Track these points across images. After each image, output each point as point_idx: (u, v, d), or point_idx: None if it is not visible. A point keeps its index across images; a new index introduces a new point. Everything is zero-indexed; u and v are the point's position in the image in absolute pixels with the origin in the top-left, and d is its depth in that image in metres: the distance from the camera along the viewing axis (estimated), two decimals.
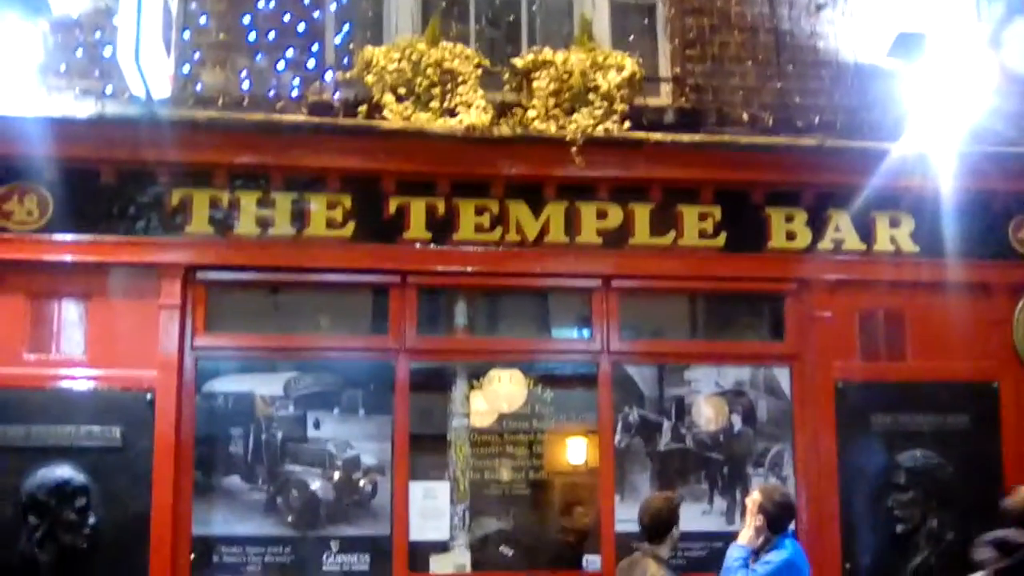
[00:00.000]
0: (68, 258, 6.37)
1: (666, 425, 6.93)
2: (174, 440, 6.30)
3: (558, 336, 7.24)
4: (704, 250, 6.84)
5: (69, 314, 6.42)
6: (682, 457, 6.93)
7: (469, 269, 6.67)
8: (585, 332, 6.95)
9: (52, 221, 6.36)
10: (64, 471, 6.19)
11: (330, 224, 6.54)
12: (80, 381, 6.34)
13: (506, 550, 6.85)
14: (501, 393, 6.89)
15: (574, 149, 6.41)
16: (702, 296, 7.19)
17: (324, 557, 6.48)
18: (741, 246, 6.87)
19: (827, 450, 6.82)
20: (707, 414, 6.98)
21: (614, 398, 6.83)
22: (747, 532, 5.92)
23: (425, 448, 6.75)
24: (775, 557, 5.74)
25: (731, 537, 6.18)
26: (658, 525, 5.75)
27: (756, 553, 5.84)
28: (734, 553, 5.88)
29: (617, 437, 6.82)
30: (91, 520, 6.17)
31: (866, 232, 6.99)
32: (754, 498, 5.92)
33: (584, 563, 6.71)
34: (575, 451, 7.07)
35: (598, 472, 6.79)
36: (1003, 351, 7.07)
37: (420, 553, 6.58)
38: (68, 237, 6.36)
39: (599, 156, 6.55)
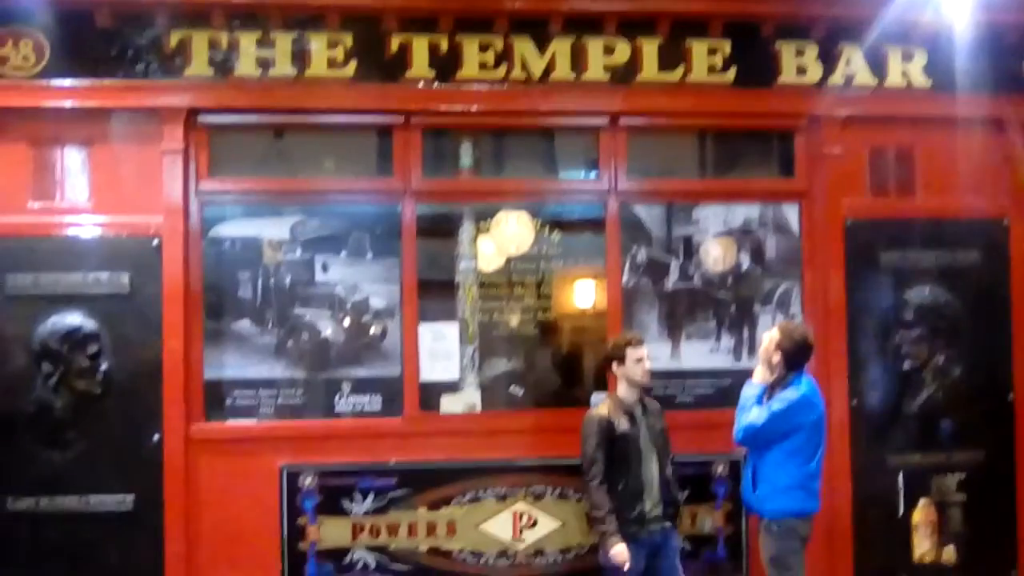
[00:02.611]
0: (68, 104, 6.27)
1: (674, 265, 6.92)
2: (182, 285, 6.30)
3: (565, 176, 7.17)
4: (713, 86, 6.70)
5: (72, 161, 6.36)
6: (689, 296, 6.93)
7: (474, 108, 6.55)
8: (592, 172, 6.86)
9: (49, 66, 6.24)
10: (75, 318, 6.24)
11: (331, 64, 6.40)
12: (86, 228, 6.33)
13: (516, 390, 6.93)
14: (508, 235, 6.85)
15: None
16: (711, 133, 7.09)
17: (336, 398, 6.56)
18: (751, 81, 6.73)
19: (835, 287, 6.81)
20: (715, 253, 6.95)
21: (621, 238, 6.79)
22: (761, 370, 5.98)
23: (433, 291, 6.75)
24: (791, 394, 5.80)
25: (738, 375, 6.26)
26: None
27: (771, 390, 5.91)
28: (748, 391, 5.95)
29: (624, 277, 6.81)
30: (103, 366, 6.25)
31: (878, 66, 6.85)
32: (772, 335, 5.95)
33: (592, 401, 6.78)
34: (583, 292, 7.08)
35: (606, 313, 6.80)
36: (1014, 187, 7.01)
37: (431, 393, 6.65)
38: (66, 82, 6.25)
39: None
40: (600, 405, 5.99)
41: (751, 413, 5.82)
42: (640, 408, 6.01)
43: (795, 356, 5.88)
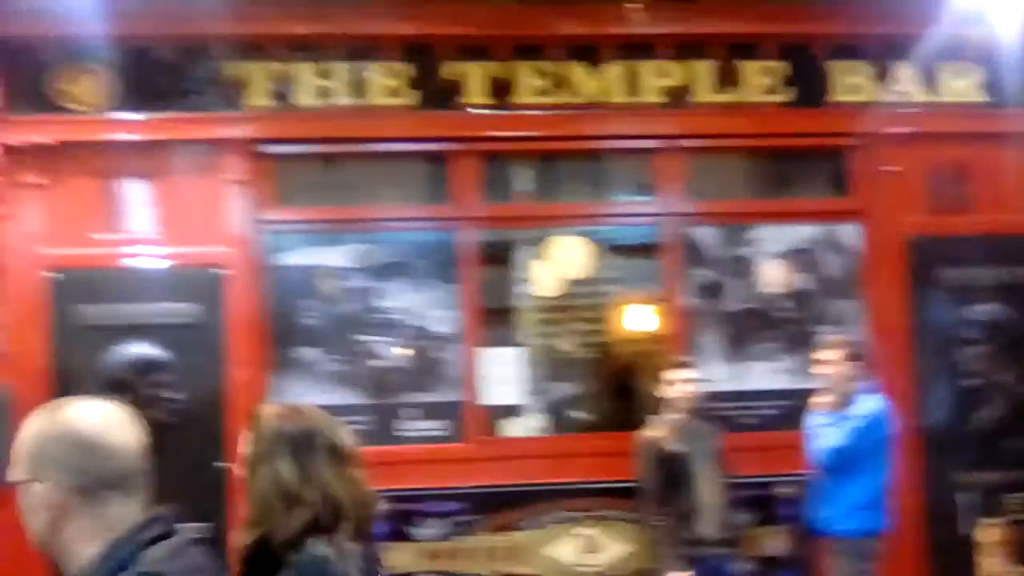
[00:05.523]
0: (130, 137, 6.39)
1: (731, 286, 6.90)
2: (247, 314, 6.37)
3: (621, 199, 7.20)
4: (766, 107, 6.73)
5: (136, 194, 6.44)
6: (748, 317, 6.89)
7: (529, 134, 6.62)
8: (648, 194, 6.89)
9: (112, 100, 6.37)
10: (143, 348, 6.30)
11: (388, 92, 6.51)
12: (152, 259, 6.40)
13: (577, 413, 6.93)
14: (565, 260, 6.88)
15: (632, 6, 6.28)
16: (765, 154, 7.10)
17: (400, 423, 6.59)
18: (804, 101, 6.76)
19: (896, 306, 6.76)
20: (773, 273, 6.92)
21: (678, 260, 6.79)
22: (828, 399, 5.89)
23: (492, 316, 6.78)
24: (865, 409, 5.75)
25: (800, 395, 6.21)
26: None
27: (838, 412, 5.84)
28: (818, 420, 5.87)
29: (682, 300, 6.80)
30: (172, 395, 6.29)
31: (931, 83, 6.85)
32: (832, 354, 5.88)
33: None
34: (641, 315, 7.08)
35: (663, 336, 6.80)
36: None
37: (493, 417, 6.67)
38: (129, 116, 6.38)
39: (658, 13, 6.42)
40: (649, 427, 5.98)
41: (828, 435, 5.76)
42: (692, 429, 5.98)
43: (861, 359, 5.88)
